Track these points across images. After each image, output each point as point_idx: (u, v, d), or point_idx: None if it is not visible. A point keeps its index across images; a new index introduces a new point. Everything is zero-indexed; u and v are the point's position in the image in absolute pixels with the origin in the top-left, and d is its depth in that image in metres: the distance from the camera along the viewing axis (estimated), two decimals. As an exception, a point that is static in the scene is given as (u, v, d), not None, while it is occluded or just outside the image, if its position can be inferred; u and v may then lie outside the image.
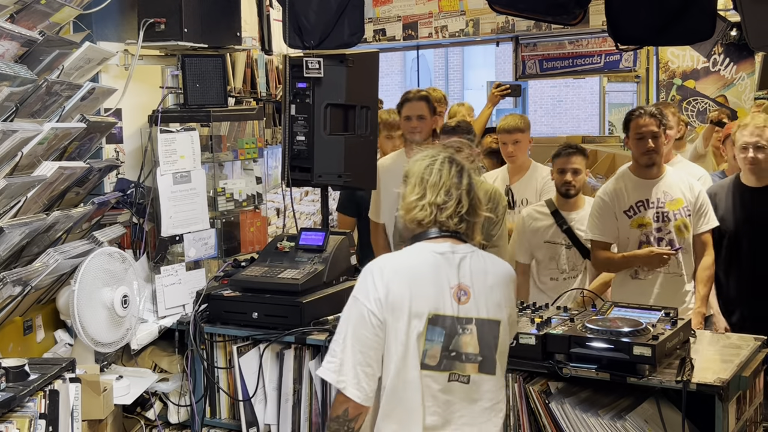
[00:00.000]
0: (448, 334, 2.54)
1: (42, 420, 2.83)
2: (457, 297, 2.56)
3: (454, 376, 2.55)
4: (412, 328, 2.53)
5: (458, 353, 2.55)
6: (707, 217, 4.32)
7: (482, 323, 2.56)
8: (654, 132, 4.24)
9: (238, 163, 4.52)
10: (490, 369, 2.58)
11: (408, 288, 2.54)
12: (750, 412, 3.21)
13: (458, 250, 2.60)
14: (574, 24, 4.58)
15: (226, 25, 4.30)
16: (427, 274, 2.57)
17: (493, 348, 2.58)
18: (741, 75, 8.42)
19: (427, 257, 2.59)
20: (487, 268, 2.62)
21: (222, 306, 3.77)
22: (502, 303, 2.62)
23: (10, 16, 3.09)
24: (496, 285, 2.62)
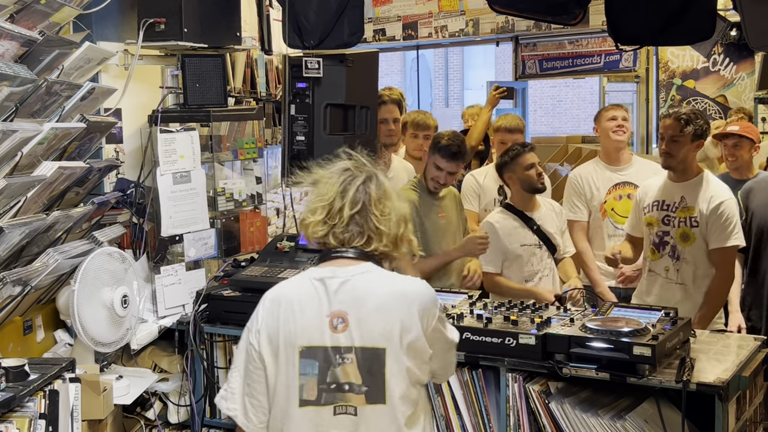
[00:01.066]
0: (322, 366, 2.35)
1: (42, 420, 2.83)
2: (332, 326, 2.35)
3: (341, 409, 2.35)
4: (288, 362, 2.40)
5: (338, 384, 2.35)
6: (726, 233, 4.08)
7: (362, 351, 2.34)
8: (672, 135, 4.13)
9: (238, 163, 4.52)
10: (378, 398, 2.34)
11: (281, 320, 2.43)
12: (750, 412, 3.21)
13: (340, 273, 2.39)
14: (573, 24, 4.58)
15: (226, 25, 4.30)
16: (302, 304, 2.40)
17: (381, 377, 2.34)
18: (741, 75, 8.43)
19: (305, 286, 2.43)
20: (373, 291, 2.37)
21: (222, 306, 3.77)
22: (390, 328, 2.34)
23: (10, 16, 3.09)
24: (382, 308, 2.35)
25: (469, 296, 3.64)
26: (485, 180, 5.03)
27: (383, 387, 2.34)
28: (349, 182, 2.45)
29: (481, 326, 3.23)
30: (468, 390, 3.28)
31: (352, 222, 2.42)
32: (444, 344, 2.48)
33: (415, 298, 2.39)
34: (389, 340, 2.34)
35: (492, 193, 5.02)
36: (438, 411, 3.31)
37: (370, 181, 2.45)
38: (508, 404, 3.19)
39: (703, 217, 4.12)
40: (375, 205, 2.43)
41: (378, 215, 2.42)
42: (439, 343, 2.44)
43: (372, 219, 2.42)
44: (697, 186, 4.20)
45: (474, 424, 3.28)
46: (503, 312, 3.43)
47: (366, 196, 2.43)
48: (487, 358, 3.22)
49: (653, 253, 4.27)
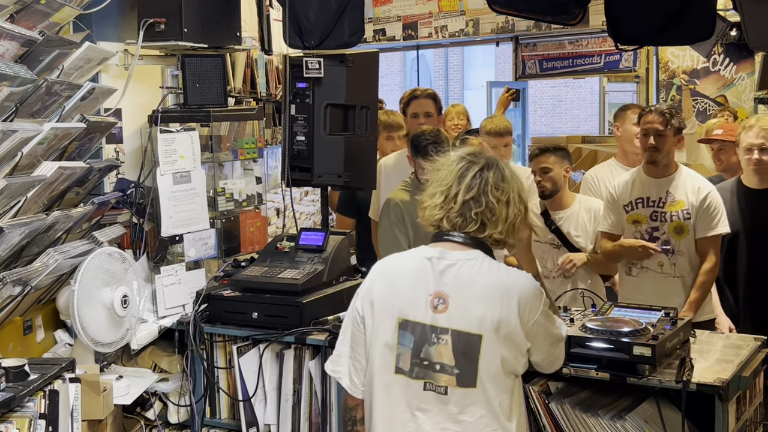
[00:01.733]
0: (417, 341, 2.45)
1: (42, 420, 2.83)
2: (433, 305, 2.45)
3: (430, 386, 2.46)
4: (388, 330, 2.50)
5: (431, 363, 2.44)
6: (714, 222, 4.19)
7: (458, 335, 2.43)
8: (657, 130, 4.21)
9: (238, 163, 4.52)
10: (469, 383, 2.43)
11: (386, 290, 2.54)
12: (750, 412, 3.21)
13: (448, 256, 2.48)
14: (573, 24, 4.58)
15: (226, 25, 4.30)
16: (408, 278, 2.51)
17: (474, 362, 2.42)
18: (741, 75, 8.43)
19: (414, 261, 2.53)
20: (476, 278, 2.45)
21: (222, 306, 3.77)
22: (488, 317, 2.42)
23: (10, 16, 3.09)
24: (483, 297, 2.43)
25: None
26: None
27: (475, 372, 2.43)
28: (466, 168, 2.52)
29: (481, 326, 3.23)
30: (468, 390, 3.27)
31: (466, 207, 2.49)
32: (547, 338, 2.56)
33: (516, 290, 2.45)
34: (486, 329, 2.42)
35: None
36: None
37: (488, 168, 2.52)
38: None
39: (694, 208, 4.22)
40: (491, 191, 2.49)
41: (494, 202, 2.48)
42: (541, 337, 2.53)
43: (487, 205, 2.48)
44: (679, 179, 4.29)
45: (474, 424, 3.27)
46: (503, 312, 3.42)
47: (482, 182, 2.49)
48: (487, 358, 3.21)
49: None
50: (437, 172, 2.57)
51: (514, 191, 2.52)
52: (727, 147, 4.85)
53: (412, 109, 4.86)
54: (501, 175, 2.51)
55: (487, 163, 2.54)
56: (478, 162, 2.53)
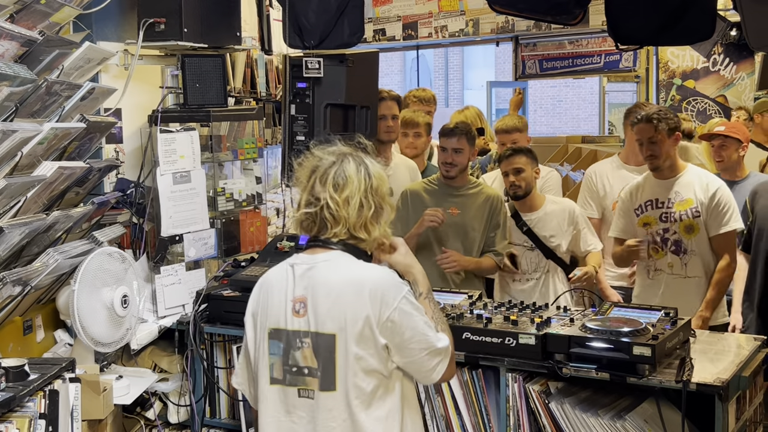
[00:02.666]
0: (285, 348, 2.45)
1: (42, 420, 2.83)
2: (295, 310, 2.43)
3: (303, 392, 2.44)
4: (262, 341, 2.50)
5: (299, 368, 2.44)
6: (726, 218, 4.15)
7: (317, 336, 2.40)
8: (649, 137, 4.19)
9: (238, 163, 4.52)
10: (329, 385, 2.40)
11: (260, 302, 2.54)
12: (750, 412, 3.21)
13: (307, 260, 2.45)
14: (573, 24, 4.57)
15: (226, 25, 4.30)
16: (275, 288, 2.50)
17: (332, 363, 2.39)
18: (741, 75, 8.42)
19: (280, 270, 2.53)
20: (329, 277, 2.40)
21: (222, 306, 3.77)
22: (341, 315, 2.37)
23: (10, 16, 3.09)
24: (335, 295, 2.39)
25: (469, 296, 3.64)
26: (494, 183, 5.02)
27: (334, 374, 2.40)
28: (313, 171, 2.47)
29: (481, 326, 3.23)
30: (468, 390, 3.28)
31: (308, 210, 2.44)
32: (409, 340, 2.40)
33: (368, 285, 2.39)
34: (340, 327, 2.39)
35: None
36: (438, 411, 3.31)
37: (332, 166, 2.44)
38: (508, 404, 3.19)
39: (703, 205, 4.18)
40: (329, 190, 2.41)
41: (330, 202, 2.41)
42: (399, 336, 2.40)
43: (326, 206, 2.42)
44: (687, 178, 4.27)
45: (474, 424, 3.28)
46: (503, 312, 3.43)
47: (322, 182, 2.43)
48: (487, 358, 3.22)
49: (657, 252, 4.27)
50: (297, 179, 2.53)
51: (358, 188, 2.42)
52: (729, 144, 4.83)
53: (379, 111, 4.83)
54: (342, 172, 2.43)
55: (332, 161, 2.45)
56: (325, 161, 2.46)
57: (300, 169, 2.52)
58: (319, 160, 2.48)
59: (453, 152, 4.33)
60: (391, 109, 4.82)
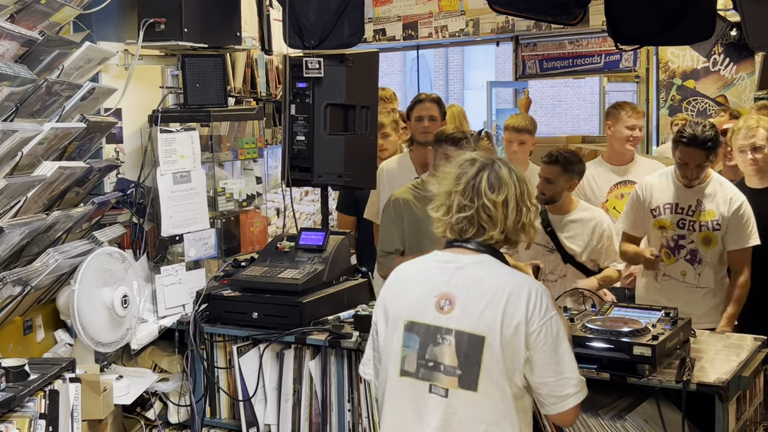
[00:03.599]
0: (422, 342, 2.45)
1: (42, 420, 2.83)
2: (439, 306, 2.44)
3: (434, 388, 2.44)
4: (395, 332, 2.51)
5: (435, 363, 2.43)
6: (745, 234, 4.13)
7: (462, 336, 2.40)
8: (700, 164, 4.09)
9: (238, 163, 4.52)
10: (470, 385, 2.40)
11: (397, 293, 2.55)
12: (750, 412, 3.21)
13: (459, 259, 2.47)
14: (574, 24, 4.57)
15: (226, 25, 4.30)
16: (417, 281, 2.52)
17: (476, 364, 2.38)
18: (741, 75, 8.42)
19: (426, 264, 2.55)
20: (483, 280, 2.43)
21: (222, 306, 3.77)
22: (493, 318, 2.39)
23: (10, 16, 3.09)
24: (489, 298, 2.40)
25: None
26: None
27: (477, 374, 2.39)
28: (462, 174, 2.51)
29: (481, 326, 3.22)
30: (468, 390, 3.27)
31: (462, 213, 2.47)
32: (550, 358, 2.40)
33: (525, 292, 2.40)
34: (491, 330, 2.38)
35: None
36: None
37: (482, 170, 2.49)
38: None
39: (725, 219, 4.13)
40: (485, 193, 2.45)
41: (488, 204, 2.45)
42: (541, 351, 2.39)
43: (483, 208, 2.45)
44: (712, 189, 4.20)
45: (474, 424, 3.27)
46: (503, 312, 3.42)
47: (477, 184, 2.47)
48: (487, 358, 3.21)
49: (668, 257, 4.25)
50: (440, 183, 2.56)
51: (513, 190, 2.47)
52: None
53: (416, 113, 4.86)
54: (496, 175, 2.48)
55: (482, 164, 2.50)
56: (474, 165, 2.51)
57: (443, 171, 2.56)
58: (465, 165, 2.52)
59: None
60: (429, 110, 4.81)
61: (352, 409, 3.48)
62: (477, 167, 2.50)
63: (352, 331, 3.48)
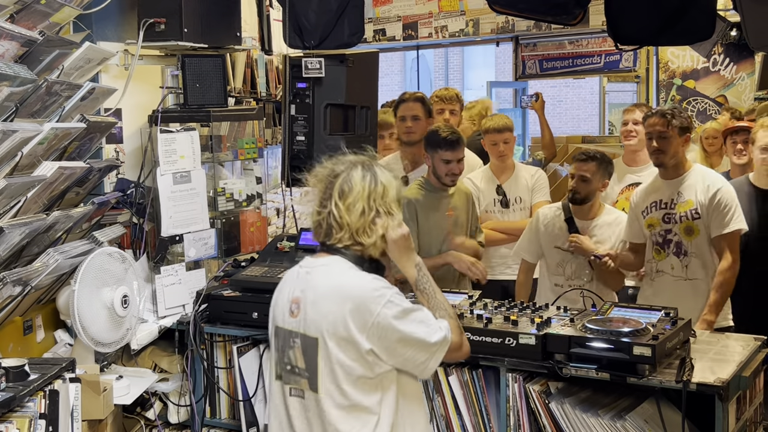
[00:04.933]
0: (281, 346, 2.56)
1: (42, 420, 2.83)
2: (291, 310, 2.54)
3: (295, 391, 2.53)
4: (272, 336, 2.64)
5: (292, 366, 2.53)
6: (726, 220, 4.10)
7: (304, 338, 2.49)
8: (660, 132, 4.16)
9: (238, 163, 4.52)
10: (314, 386, 2.48)
11: (275, 298, 2.66)
12: (750, 412, 3.21)
13: (310, 263, 2.56)
14: (573, 24, 4.57)
15: (226, 25, 4.30)
16: (283, 287, 2.63)
17: (314, 365, 2.46)
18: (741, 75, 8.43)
19: (292, 270, 2.65)
20: (319, 283, 2.49)
21: (222, 306, 3.77)
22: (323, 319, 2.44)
23: (10, 16, 3.09)
24: (320, 300, 2.46)
25: (469, 296, 3.64)
26: (482, 182, 5.03)
27: (316, 376, 2.47)
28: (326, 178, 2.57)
29: (481, 326, 3.23)
30: (468, 390, 3.28)
31: (319, 217, 2.56)
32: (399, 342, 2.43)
33: (350, 293, 2.45)
34: (321, 331, 2.46)
35: (491, 194, 5.03)
36: (438, 411, 3.31)
37: (338, 176, 2.55)
38: (508, 404, 3.19)
39: (703, 207, 4.14)
40: (335, 198, 2.52)
41: (334, 210, 2.51)
42: (388, 340, 2.43)
43: (331, 213, 2.52)
44: (690, 179, 4.23)
45: (474, 424, 3.28)
46: (503, 312, 3.43)
47: (330, 190, 2.53)
48: (487, 358, 3.22)
49: (659, 253, 4.26)
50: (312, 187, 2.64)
51: (361, 195, 2.50)
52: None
53: (400, 113, 4.85)
54: (349, 181, 2.52)
55: (343, 170, 2.55)
56: (336, 170, 2.56)
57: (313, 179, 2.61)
58: (330, 170, 2.58)
59: (458, 163, 4.33)
60: (412, 110, 4.80)
61: (352, 409, 3.48)
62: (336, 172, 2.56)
63: (352, 331, 3.48)
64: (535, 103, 6.83)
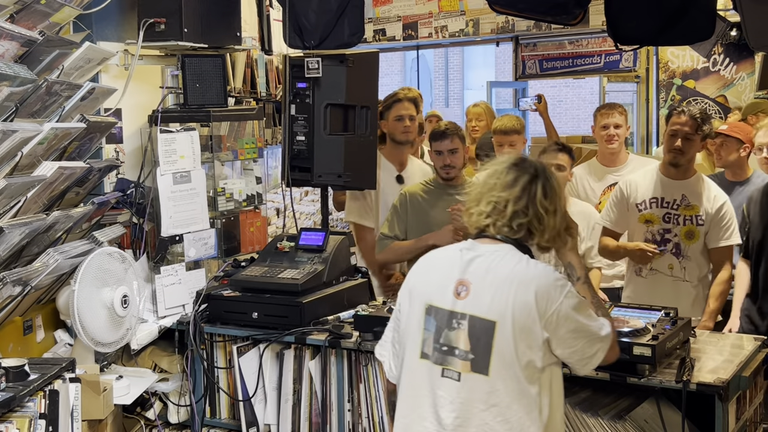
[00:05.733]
0: (438, 326, 2.52)
1: (42, 420, 2.83)
2: (456, 292, 2.52)
3: (448, 372, 2.50)
4: (417, 316, 2.58)
5: (449, 348, 2.50)
6: (728, 233, 4.17)
7: (474, 320, 2.47)
8: (687, 133, 4.15)
9: (238, 163, 4.52)
10: (481, 369, 2.46)
11: (422, 278, 2.64)
12: (750, 412, 3.21)
13: (479, 248, 2.55)
14: (573, 24, 4.56)
15: (226, 25, 4.30)
16: (439, 267, 2.61)
17: (487, 348, 2.45)
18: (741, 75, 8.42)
19: (448, 252, 2.62)
20: (497, 268, 2.50)
21: (222, 306, 3.77)
22: (504, 304, 2.45)
23: (10, 16, 3.09)
24: (501, 285, 2.47)
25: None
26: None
27: (488, 359, 2.45)
28: (515, 178, 2.57)
29: (481, 326, 3.23)
30: (468, 390, 3.27)
31: (515, 217, 2.54)
32: (573, 332, 2.48)
33: (534, 280, 2.47)
34: (502, 316, 2.45)
35: None
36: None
37: (537, 178, 2.57)
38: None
39: (708, 216, 4.17)
40: (540, 202, 2.54)
41: (542, 212, 2.54)
42: (564, 329, 2.46)
43: (536, 215, 2.54)
44: (696, 185, 4.24)
45: (474, 424, 3.27)
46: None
47: (531, 192, 2.55)
48: (487, 358, 3.21)
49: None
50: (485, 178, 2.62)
51: (561, 200, 2.60)
52: (729, 143, 4.80)
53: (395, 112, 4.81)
54: (550, 185, 2.57)
55: (536, 172, 2.58)
56: (528, 171, 2.58)
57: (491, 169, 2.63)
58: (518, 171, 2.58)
59: (449, 153, 4.33)
60: (408, 110, 4.79)
61: (351, 409, 3.48)
62: (531, 173, 2.57)
63: (352, 331, 3.48)
64: (539, 105, 6.80)
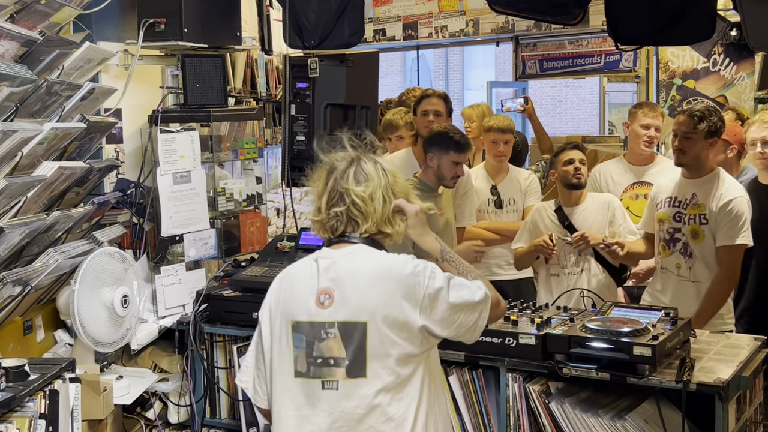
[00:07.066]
0: (309, 341, 2.47)
1: (42, 420, 2.83)
2: (319, 302, 2.47)
3: (327, 384, 2.46)
4: (283, 335, 2.53)
5: (324, 359, 2.46)
6: (733, 232, 4.01)
7: (344, 326, 2.44)
8: (685, 132, 4.11)
9: (238, 163, 4.52)
10: (358, 372, 2.43)
11: (281, 295, 2.57)
12: (750, 412, 3.21)
13: (331, 254, 2.52)
14: (573, 24, 4.56)
15: (226, 25, 4.30)
16: (298, 282, 2.54)
17: (361, 350, 2.43)
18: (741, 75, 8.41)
19: (304, 264, 2.57)
20: (356, 269, 2.47)
21: (222, 306, 3.77)
22: (372, 302, 2.42)
23: (10, 16, 3.09)
24: (365, 284, 2.44)
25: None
26: (477, 181, 5.03)
27: (364, 361, 2.43)
28: (329, 173, 2.55)
29: (481, 326, 3.23)
30: (468, 390, 3.28)
31: (333, 211, 2.52)
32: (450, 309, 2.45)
33: (396, 273, 2.45)
34: (371, 314, 2.42)
35: (485, 194, 5.03)
36: (438, 411, 3.31)
37: (350, 166, 2.53)
38: (508, 404, 3.19)
39: (713, 214, 4.08)
40: (353, 190, 2.50)
41: (357, 200, 2.50)
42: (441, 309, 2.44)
43: (353, 204, 2.50)
44: (709, 183, 4.16)
45: (474, 424, 3.28)
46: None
47: (343, 182, 2.51)
48: (487, 358, 3.22)
49: (664, 249, 4.24)
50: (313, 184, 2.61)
51: (379, 184, 2.53)
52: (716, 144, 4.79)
53: (422, 107, 4.84)
54: (362, 171, 2.53)
55: (347, 163, 2.55)
56: (340, 164, 2.54)
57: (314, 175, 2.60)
58: (332, 164, 2.56)
59: (462, 165, 4.35)
60: (435, 106, 4.78)
61: (352, 409, 3.47)
62: (342, 166, 2.54)
63: (352, 331, 3.48)
64: (527, 107, 6.77)
